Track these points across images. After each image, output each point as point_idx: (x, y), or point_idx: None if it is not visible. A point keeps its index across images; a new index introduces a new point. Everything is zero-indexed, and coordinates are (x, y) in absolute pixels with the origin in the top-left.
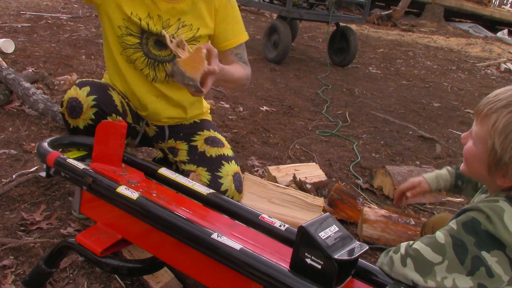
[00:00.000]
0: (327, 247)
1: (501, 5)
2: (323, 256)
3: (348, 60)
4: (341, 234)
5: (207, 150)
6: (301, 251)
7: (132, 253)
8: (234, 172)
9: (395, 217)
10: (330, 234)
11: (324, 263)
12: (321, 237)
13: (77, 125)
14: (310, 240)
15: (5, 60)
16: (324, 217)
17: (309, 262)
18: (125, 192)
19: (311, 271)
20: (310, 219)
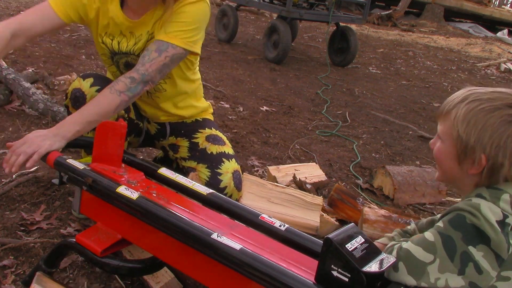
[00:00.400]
0: (354, 259)
1: (501, 5)
2: (351, 269)
3: (348, 60)
4: (367, 246)
5: (208, 147)
6: (327, 263)
7: (132, 253)
8: (234, 170)
9: (395, 217)
10: (356, 245)
11: (351, 275)
12: (348, 249)
13: None
14: (337, 252)
15: (5, 60)
16: (350, 227)
17: (335, 275)
18: (125, 192)
19: (338, 284)
20: (310, 218)
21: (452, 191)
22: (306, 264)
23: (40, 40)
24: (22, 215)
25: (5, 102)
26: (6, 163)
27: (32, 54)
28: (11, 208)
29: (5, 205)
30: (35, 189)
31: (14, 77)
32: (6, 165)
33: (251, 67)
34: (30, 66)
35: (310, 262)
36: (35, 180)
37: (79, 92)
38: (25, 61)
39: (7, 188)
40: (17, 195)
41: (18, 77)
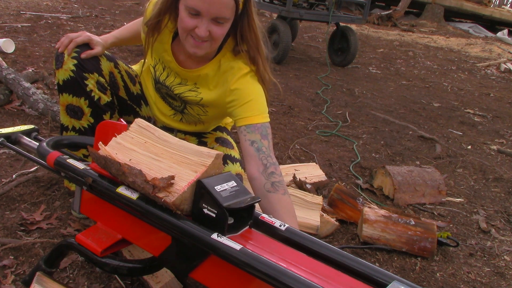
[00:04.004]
0: (220, 197)
1: (501, 5)
2: (216, 205)
3: (348, 60)
4: (238, 189)
5: (216, 147)
6: (199, 202)
7: (132, 253)
8: (236, 173)
9: (395, 217)
10: (226, 188)
11: (217, 211)
12: (216, 190)
13: (59, 78)
14: (206, 191)
15: (5, 60)
16: (225, 174)
17: (206, 212)
18: (125, 192)
19: (208, 220)
20: (310, 217)
21: (452, 191)
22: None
23: (40, 40)
24: (22, 215)
25: (5, 102)
26: (59, 43)
27: (32, 54)
28: (11, 208)
29: (5, 205)
30: (35, 189)
31: (14, 77)
32: (58, 44)
33: None
34: (30, 66)
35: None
36: (35, 180)
37: (61, 52)
38: (25, 61)
39: (7, 188)
40: (17, 195)
41: (18, 77)
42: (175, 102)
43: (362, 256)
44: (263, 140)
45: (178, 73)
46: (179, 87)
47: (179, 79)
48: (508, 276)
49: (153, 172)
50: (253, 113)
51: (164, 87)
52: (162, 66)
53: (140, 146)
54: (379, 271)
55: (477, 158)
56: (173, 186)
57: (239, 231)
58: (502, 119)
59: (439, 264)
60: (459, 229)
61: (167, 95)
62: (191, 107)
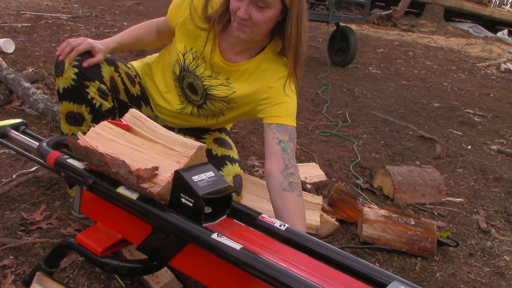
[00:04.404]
0: (196, 187)
1: (501, 5)
2: (193, 195)
3: (348, 60)
4: (216, 179)
5: (214, 148)
6: (177, 192)
7: (132, 253)
8: (235, 174)
9: (395, 217)
10: (203, 178)
11: (194, 200)
12: (194, 180)
13: (59, 85)
14: (183, 181)
15: (5, 60)
16: (203, 164)
17: (183, 201)
18: (125, 192)
19: (185, 209)
20: (310, 217)
21: (452, 191)
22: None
23: (40, 40)
24: (22, 215)
25: (5, 102)
26: (60, 50)
27: (32, 54)
28: (11, 208)
29: (5, 205)
30: (35, 189)
31: (14, 77)
32: (58, 52)
33: None
34: (30, 66)
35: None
36: (35, 180)
37: (61, 60)
38: (25, 61)
39: (7, 188)
40: (17, 195)
41: (18, 77)
42: (193, 96)
43: (362, 256)
44: (290, 143)
45: (214, 65)
46: (209, 80)
47: (210, 71)
48: (508, 276)
49: (135, 162)
50: (286, 114)
51: (192, 76)
52: (192, 55)
53: (120, 137)
54: (379, 271)
55: (477, 158)
56: (157, 177)
57: (216, 220)
58: (502, 119)
59: (439, 264)
60: (459, 229)
61: (188, 87)
62: (213, 103)
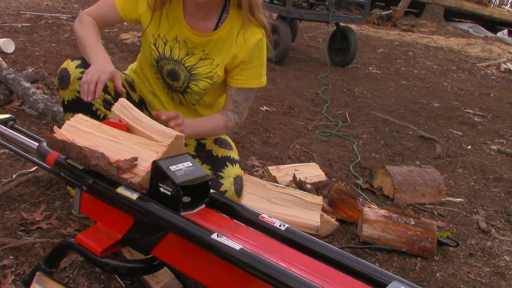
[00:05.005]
0: (174, 176)
1: (501, 5)
2: (171, 183)
3: (348, 60)
4: (193, 169)
5: (215, 149)
6: (155, 181)
7: (132, 253)
8: (236, 175)
9: (395, 217)
10: (181, 167)
11: (172, 189)
12: (171, 170)
13: (64, 98)
14: (161, 171)
15: (5, 60)
16: (181, 155)
17: (162, 191)
18: (125, 192)
19: (164, 198)
20: (310, 218)
21: (452, 191)
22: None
23: (40, 40)
24: (22, 215)
25: (5, 102)
26: (83, 93)
27: (32, 54)
28: (11, 208)
29: (5, 205)
30: (35, 189)
31: (14, 77)
32: (83, 95)
33: None
34: (30, 66)
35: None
36: (35, 180)
37: (65, 72)
38: (25, 61)
39: (7, 188)
40: (17, 195)
41: (18, 77)
42: (175, 83)
43: (362, 256)
44: (244, 102)
45: (187, 41)
46: (188, 59)
47: (185, 50)
48: (508, 276)
49: (113, 154)
50: (251, 78)
51: (172, 62)
52: (163, 41)
53: (96, 129)
54: (379, 271)
55: (477, 158)
56: (137, 167)
57: (195, 209)
58: (502, 119)
59: (439, 264)
60: (459, 229)
61: (169, 75)
62: (197, 83)
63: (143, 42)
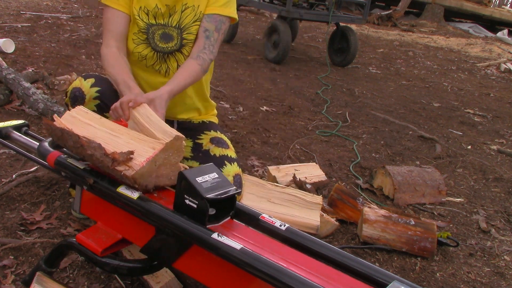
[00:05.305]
0: (201, 188)
1: (501, 5)
2: (197, 196)
3: (348, 60)
4: (220, 180)
5: (212, 149)
6: (181, 193)
7: (132, 253)
8: (235, 174)
9: (395, 217)
10: (207, 179)
11: (198, 202)
12: (198, 181)
13: None
14: (187, 183)
15: (5, 60)
16: (207, 166)
17: (187, 203)
18: (125, 192)
19: (189, 210)
20: (310, 217)
21: (452, 191)
22: None
23: (40, 40)
24: (22, 215)
25: (5, 102)
26: (115, 114)
27: (32, 54)
28: (11, 208)
29: (5, 205)
30: (35, 189)
31: (14, 77)
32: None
33: (251, 67)
34: (30, 66)
35: None
36: (35, 180)
37: (78, 92)
38: (25, 61)
39: (7, 188)
40: (17, 195)
41: (18, 77)
42: (170, 44)
43: (362, 256)
44: (215, 32)
45: (167, 2)
46: (172, 18)
47: (167, 12)
48: (508, 276)
49: (110, 146)
50: (219, 4)
51: (160, 27)
52: (145, 12)
53: (96, 122)
54: (379, 271)
55: (477, 158)
56: (132, 161)
57: (220, 222)
58: (502, 119)
59: (439, 264)
60: (459, 229)
61: (161, 39)
62: (190, 31)
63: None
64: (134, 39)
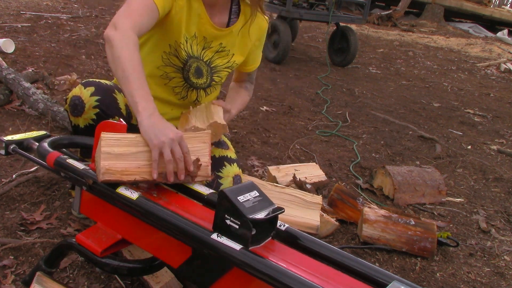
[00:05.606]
0: (243, 208)
1: (501, 5)
2: (240, 216)
3: (348, 60)
4: (261, 199)
5: (212, 150)
6: (221, 213)
7: (132, 253)
8: (235, 174)
9: (395, 217)
10: (249, 198)
11: (240, 222)
12: (239, 200)
13: (78, 123)
14: (229, 202)
15: (5, 60)
16: (247, 183)
17: (228, 223)
18: (125, 192)
19: (230, 231)
20: (310, 217)
21: (452, 191)
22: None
23: (40, 40)
24: (22, 215)
25: (5, 102)
26: (170, 176)
27: (32, 54)
28: (11, 208)
29: (5, 205)
30: (35, 189)
31: (14, 77)
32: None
33: None
34: (30, 66)
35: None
36: (35, 180)
37: (78, 100)
38: (25, 61)
39: (7, 188)
40: (17, 195)
41: (18, 77)
42: (200, 80)
43: (362, 256)
44: (254, 74)
45: (207, 35)
46: (205, 53)
47: (202, 44)
48: (508, 276)
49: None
50: (258, 61)
51: (195, 60)
52: (184, 39)
53: (122, 146)
54: (379, 271)
55: (477, 158)
56: (202, 165)
57: (261, 243)
58: (502, 119)
59: (439, 264)
60: (459, 229)
61: (195, 72)
62: (219, 74)
63: (156, 45)
64: (164, 58)
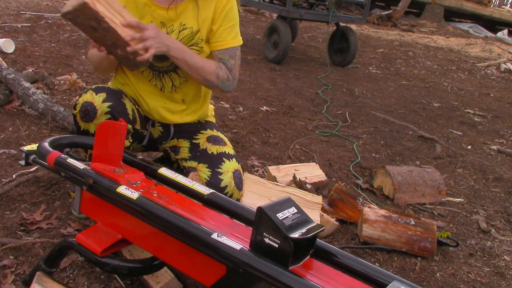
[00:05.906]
0: (283, 227)
1: (501, 5)
2: (280, 235)
3: (348, 60)
4: (299, 216)
5: (209, 147)
6: (260, 231)
7: (132, 253)
8: (235, 169)
9: (395, 217)
10: (288, 215)
11: (280, 242)
12: (279, 218)
13: (88, 129)
14: (268, 220)
15: (5, 60)
16: (284, 199)
17: (267, 242)
18: (125, 192)
19: (269, 250)
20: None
21: (452, 191)
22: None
23: (40, 40)
24: (22, 215)
25: (5, 102)
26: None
27: (32, 54)
28: (11, 208)
29: (5, 205)
30: (35, 189)
31: (14, 77)
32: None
33: (251, 67)
34: (30, 66)
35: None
36: (35, 180)
37: (90, 106)
38: (25, 61)
39: (7, 188)
40: (17, 195)
41: (18, 77)
42: (165, 63)
43: (362, 256)
44: (231, 59)
45: (164, 20)
46: (169, 35)
47: (164, 30)
48: (508, 276)
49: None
50: (230, 37)
51: None
52: None
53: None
54: (379, 271)
55: (477, 158)
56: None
57: (301, 261)
58: (502, 119)
59: (439, 264)
60: (459, 229)
61: (155, 57)
62: None
63: None
64: None
